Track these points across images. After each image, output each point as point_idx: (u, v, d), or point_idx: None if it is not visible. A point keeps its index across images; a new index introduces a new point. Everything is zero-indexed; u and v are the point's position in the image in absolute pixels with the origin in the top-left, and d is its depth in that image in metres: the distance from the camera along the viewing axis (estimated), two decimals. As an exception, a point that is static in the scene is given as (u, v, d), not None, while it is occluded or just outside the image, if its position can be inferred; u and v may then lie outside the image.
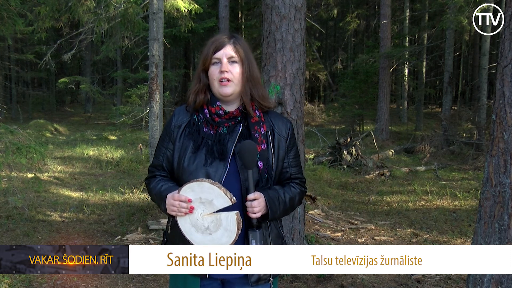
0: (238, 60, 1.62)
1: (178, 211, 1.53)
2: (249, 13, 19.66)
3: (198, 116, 1.66)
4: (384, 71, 14.13)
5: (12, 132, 4.31)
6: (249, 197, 1.54)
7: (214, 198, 1.51)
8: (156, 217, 5.23)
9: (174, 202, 1.54)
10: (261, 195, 1.56)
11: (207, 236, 1.54)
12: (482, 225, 2.33)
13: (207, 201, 1.53)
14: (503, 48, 2.25)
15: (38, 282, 3.57)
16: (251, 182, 1.54)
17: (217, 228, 1.53)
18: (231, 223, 1.51)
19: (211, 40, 1.66)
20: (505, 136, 2.21)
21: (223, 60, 1.60)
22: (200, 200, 1.53)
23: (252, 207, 1.54)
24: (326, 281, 3.68)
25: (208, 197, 1.52)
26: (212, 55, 1.61)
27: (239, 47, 1.63)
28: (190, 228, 1.56)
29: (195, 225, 1.55)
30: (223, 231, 1.52)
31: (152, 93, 6.28)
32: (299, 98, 3.66)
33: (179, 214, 1.54)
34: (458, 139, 11.28)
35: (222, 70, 1.59)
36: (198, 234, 1.55)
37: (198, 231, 1.55)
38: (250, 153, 1.53)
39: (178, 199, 1.53)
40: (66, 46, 15.56)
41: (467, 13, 10.98)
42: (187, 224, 1.56)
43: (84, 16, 7.28)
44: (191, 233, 1.56)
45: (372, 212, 6.12)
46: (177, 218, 1.57)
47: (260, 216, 1.57)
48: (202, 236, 1.55)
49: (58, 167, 8.87)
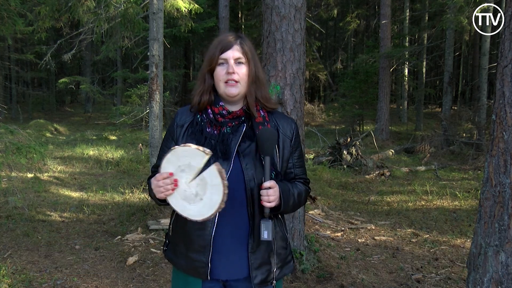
0: (244, 61, 1.61)
1: (165, 189, 1.50)
2: (249, 13, 19.66)
3: (201, 116, 1.64)
4: (384, 71, 14.14)
5: (12, 132, 4.31)
6: (265, 185, 1.51)
7: (191, 159, 1.48)
8: (156, 217, 5.23)
9: (159, 183, 1.51)
10: (276, 185, 1.54)
11: (199, 203, 1.50)
12: (482, 225, 2.33)
13: (185, 166, 1.49)
14: (503, 48, 2.25)
15: (38, 282, 3.57)
16: (267, 170, 1.52)
17: (204, 188, 1.48)
18: (213, 176, 1.46)
19: (217, 40, 1.64)
20: (505, 136, 2.21)
21: (230, 61, 1.58)
22: (180, 169, 1.50)
23: (268, 196, 1.51)
24: (326, 281, 3.68)
25: (185, 161, 1.48)
26: (219, 55, 1.59)
27: (246, 48, 1.62)
28: (182, 204, 1.52)
29: (186, 198, 1.51)
30: (211, 189, 1.47)
31: (152, 93, 6.28)
32: (299, 98, 3.66)
33: (167, 193, 1.51)
34: (458, 139, 11.28)
35: (229, 71, 1.58)
36: (192, 206, 1.51)
37: (190, 202, 1.51)
38: (269, 140, 1.52)
39: (160, 178, 1.50)
40: (66, 46, 15.57)
41: (467, 13, 10.99)
42: (178, 201, 1.53)
43: (84, 16, 7.28)
44: (185, 208, 1.52)
45: (372, 212, 6.12)
46: (169, 200, 1.53)
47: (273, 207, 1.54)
48: (195, 206, 1.50)
49: (58, 167, 8.87)
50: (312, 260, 3.90)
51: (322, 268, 3.85)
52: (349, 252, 4.46)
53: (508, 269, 2.20)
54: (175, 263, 1.69)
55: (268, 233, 1.52)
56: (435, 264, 4.19)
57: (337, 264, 3.97)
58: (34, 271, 3.79)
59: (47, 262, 4.01)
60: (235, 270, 1.61)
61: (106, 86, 24.80)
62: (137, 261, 4.04)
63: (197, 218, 1.50)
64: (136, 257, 4.09)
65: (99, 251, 4.34)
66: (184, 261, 1.63)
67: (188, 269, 1.63)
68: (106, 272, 3.84)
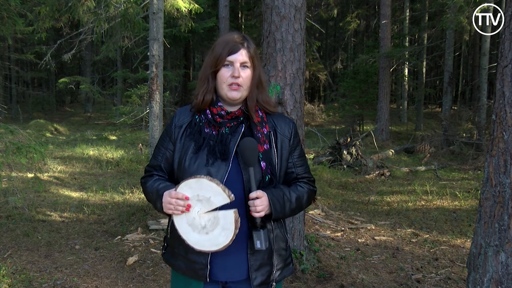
0: (250, 66, 1.60)
1: (175, 209, 1.50)
2: (249, 13, 19.67)
3: (200, 117, 1.63)
4: (384, 71, 14.14)
5: (12, 132, 4.31)
6: (251, 196, 1.50)
7: (212, 195, 1.47)
8: (156, 217, 5.23)
9: (171, 200, 1.50)
10: (263, 194, 1.52)
11: (204, 236, 1.50)
12: (482, 225, 2.33)
13: (204, 198, 1.48)
14: (503, 48, 2.25)
15: (38, 282, 3.57)
16: (252, 180, 1.51)
17: (214, 227, 1.49)
18: (228, 221, 1.47)
19: (223, 40, 1.61)
20: (505, 136, 2.21)
21: (236, 64, 1.57)
22: (197, 198, 1.49)
23: (254, 206, 1.50)
24: (326, 281, 3.68)
25: (206, 194, 1.48)
26: (226, 57, 1.57)
27: (252, 51, 1.61)
28: (186, 228, 1.52)
29: (192, 224, 1.51)
30: (220, 230, 1.48)
31: (152, 93, 6.28)
32: (299, 98, 3.66)
33: (175, 212, 1.51)
34: (458, 139, 11.28)
35: (234, 75, 1.56)
36: (195, 234, 1.51)
37: (194, 230, 1.51)
38: (250, 150, 1.51)
39: (175, 197, 1.49)
40: (66, 46, 15.58)
41: (467, 13, 10.98)
42: (183, 223, 1.53)
43: (84, 16, 7.28)
44: (188, 233, 1.52)
45: (372, 212, 6.12)
46: (174, 218, 1.54)
47: (264, 215, 1.53)
48: (199, 236, 1.51)
49: (58, 167, 8.87)
50: (312, 260, 3.90)
51: (322, 268, 3.85)
52: (349, 252, 4.46)
53: (508, 269, 2.20)
54: (174, 266, 1.67)
55: (260, 243, 1.51)
56: (435, 264, 4.19)
57: (337, 264, 3.97)
58: (34, 271, 3.79)
59: (47, 262, 4.01)
60: (234, 272, 1.60)
61: (106, 86, 24.81)
62: (137, 261, 4.04)
63: (194, 246, 1.52)
64: (136, 257, 4.09)
65: (99, 251, 4.34)
66: (183, 263, 1.62)
67: (188, 271, 1.62)
68: (106, 272, 3.84)
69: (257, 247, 1.52)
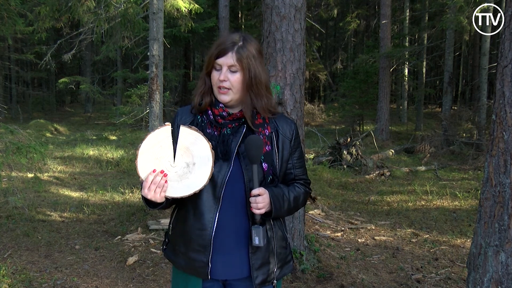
0: (239, 69, 1.57)
1: (160, 188, 1.49)
2: (249, 13, 19.67)
3: (201, 117, 1.64)
4: (384, 71, 14.14)
5: (12, 132, 4.31)
6: (253, 193, 1.52)
7: (159, 141, 1.46)
8: (156, 217, 5.23)
9: (150, 192, 1.48)
10: (265, 191, 1.54)
11: (196, 168, 1.50)
12: (482, 225, 2.33)
13: (159, 151, 1.47)
14: (503, 48, 2.25)
15: (38, 282, 3.57)
16: (255, 177, 1.52)
17: (188, 152, 1.49)
18: (186, 134, 1.48)
19: (217, 43, 1.61)
20: (505, 136, 2.21)
21: (223, 68, 1.57)
22: (157, 159, 1.48)
23: (256, 203, 1.51)
24: (326, 281, 3.68)
25: (155, 149, 1.46)
26: (215, 60, 1.58)
27: (244, 54, 1.56)
28: (183, 184, 1.50)
29: (181, 176, 1.50)
30: (193, 147, 1.48)
31: (152, 93, 6.28)
32: (299, 98, 3.66)
33: (165, 188, 1.50)
34: (458, 139, 11.29)
35: (220, 78, 1.56)
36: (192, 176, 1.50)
37: (188, 176, 1.50)
38: (255, 148, 1.52)
39: (147, 185, 1.48)
40: (66, 46, 15.57)
41: (467, 13, 10.99)
42: (178, 186, 1.51)
43: (84, 16, 7.28)
44: (188, 185, 1.50)
45: (372, 212, 6.12)
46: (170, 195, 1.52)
47: (264, 213, 1.55)
48: (194, 174, 1.50)
49: (58, 167, 8.87)
50: (312, 260, 3.90)
51: (322, 268, 3.85)
52: (349, 252, 4.46)
53: (508, 269, 2.20)
54: (175, 263, 1.69)
55: (259, 239, 1.52)
56: (435, 264, 4.19)
57: (337, 264, 3.97)
58: (34, 271, 3.79)
59: (47, 262, 4.01)
60: (235, 270, 1.61)
61: (106, 86, 24.80)
62: (137, 261, 4.04)
63: (205, 182, 1.50)
64: (136, 257, 4.09)
65: (99, 251, 4.34)
66: (184, 260, 1.63)
67: (188, 269, 1.63)
68: (106, 272, 3.84)
69: (255, 243, 1.53)
